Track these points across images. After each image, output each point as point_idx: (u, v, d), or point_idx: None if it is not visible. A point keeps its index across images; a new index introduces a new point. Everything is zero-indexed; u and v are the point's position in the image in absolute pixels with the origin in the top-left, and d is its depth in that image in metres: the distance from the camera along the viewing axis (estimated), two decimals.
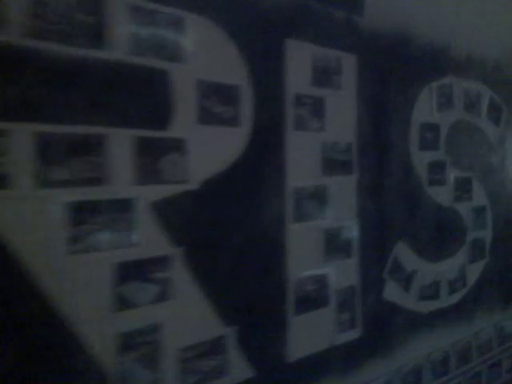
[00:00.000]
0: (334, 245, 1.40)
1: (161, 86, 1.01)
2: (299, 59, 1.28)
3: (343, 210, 1.42)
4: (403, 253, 1.62)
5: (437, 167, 1.76)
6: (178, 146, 1.03)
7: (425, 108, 1.69)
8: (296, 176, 1.29)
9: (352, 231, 1.44)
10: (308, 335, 1.32)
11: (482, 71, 1.96)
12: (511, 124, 2.14)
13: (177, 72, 1.03)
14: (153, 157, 1.00)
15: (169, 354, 1.02)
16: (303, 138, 1.30)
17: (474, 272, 1.96)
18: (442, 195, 1.78)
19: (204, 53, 1.08)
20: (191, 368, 1.05)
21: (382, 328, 1.55)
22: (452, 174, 1.82)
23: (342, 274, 1.41)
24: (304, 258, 1.31)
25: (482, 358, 2.03)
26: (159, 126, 1.01)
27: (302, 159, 1.30)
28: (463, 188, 1.88)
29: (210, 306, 1.09)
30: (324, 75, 1.35)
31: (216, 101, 1.09)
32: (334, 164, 1.39)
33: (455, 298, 1.85)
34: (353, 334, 1.45)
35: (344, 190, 1.43)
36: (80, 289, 0.90)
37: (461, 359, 1.91)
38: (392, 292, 1.58)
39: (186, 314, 1.05)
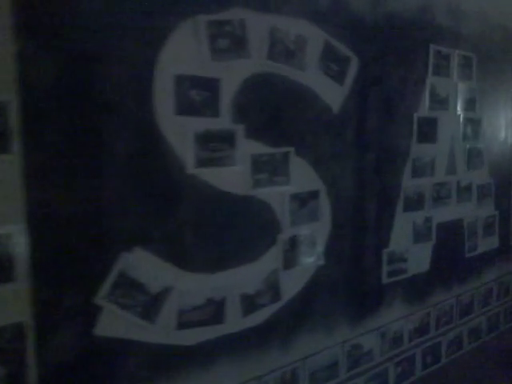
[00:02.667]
0: None
1: None
2: None
3: None
4: (139, 264, 1.11)
5: (216, 141, 1.23)
6: None
7: (186, 52, 1.16)
8: None
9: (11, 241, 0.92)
10: None
11: (310, 6, 1.42)
12: (368, 82, 1.61)
13: None
14: None
15: None
16: None
17: (297, 280, 1.46)
18: (229, 179, 1.26)
19: None
20: None
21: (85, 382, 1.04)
22: (249, 151, 1.29)
23: None
24: None
25: None
26: None
27: None
28: (273, 169, 1.36)
29: None
30: None
31: None
32: None
33: (258, 317, 1.36)
34: None
35: None
36: None
37: None
38: (114, 323, 1.07)
39: None
